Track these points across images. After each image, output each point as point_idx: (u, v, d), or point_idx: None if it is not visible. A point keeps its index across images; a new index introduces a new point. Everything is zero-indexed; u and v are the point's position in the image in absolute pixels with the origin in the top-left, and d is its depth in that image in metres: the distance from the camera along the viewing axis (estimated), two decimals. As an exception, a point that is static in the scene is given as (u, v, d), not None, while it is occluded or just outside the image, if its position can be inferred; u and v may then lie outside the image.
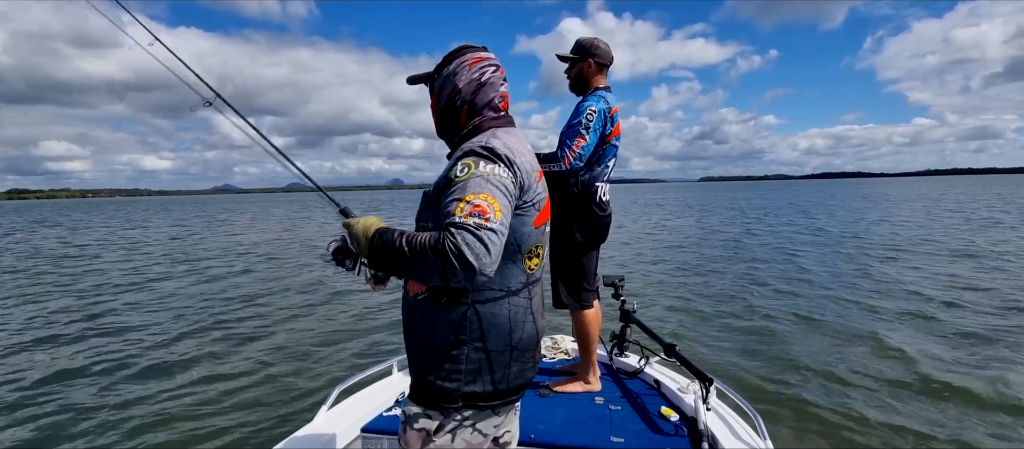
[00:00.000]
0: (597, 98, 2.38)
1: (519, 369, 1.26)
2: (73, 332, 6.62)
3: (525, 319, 1.24)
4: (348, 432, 2.16)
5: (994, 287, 7.85)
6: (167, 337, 6.24)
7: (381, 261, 1.12)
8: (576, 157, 2.31)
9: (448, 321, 1.18)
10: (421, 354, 1.23)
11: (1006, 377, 4.42)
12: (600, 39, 2.48)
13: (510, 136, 1.24)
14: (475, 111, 1.28)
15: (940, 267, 9.73)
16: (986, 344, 5.35)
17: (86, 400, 4.44)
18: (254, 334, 6.31)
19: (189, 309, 7.75)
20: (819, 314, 6.68)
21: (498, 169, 1.12)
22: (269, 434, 3.74)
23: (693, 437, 2.04)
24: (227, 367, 5.12)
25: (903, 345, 5.31)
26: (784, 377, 4.62)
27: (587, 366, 2.59)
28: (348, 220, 1.23)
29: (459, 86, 1.27)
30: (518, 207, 1.17)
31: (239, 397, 4.41)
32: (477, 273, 0.98)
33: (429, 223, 1.19)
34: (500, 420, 1.29)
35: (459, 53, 1.30)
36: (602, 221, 2.49)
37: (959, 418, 3.84)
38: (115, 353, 5.66)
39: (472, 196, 1.05)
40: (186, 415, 4.09)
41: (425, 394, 1.22)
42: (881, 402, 4.09)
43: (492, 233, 1.01)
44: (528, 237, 1.21)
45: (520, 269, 1.22)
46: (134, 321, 7.08)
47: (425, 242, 1.03)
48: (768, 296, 7.86)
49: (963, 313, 6.54)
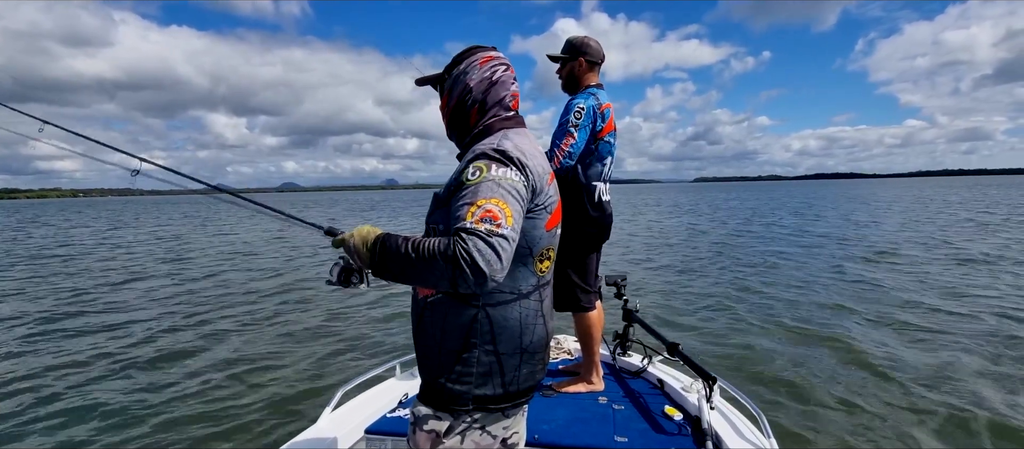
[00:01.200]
0: (586, 95, 2.36)
1: (529, 371, 1.26)
2: (73, 328, 6.59)
3: (535, 322, 1.24)
4: (352, 434, 2.16)
5: (1002, 292, 7.72)
6: (166, 339, 6.20)
7: (386, 269, 1.11)
8: (565, 155, 2.29)
9: (459, 324, 1.18)
10: (431, 356, 1.23)
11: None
12: (591, 37, 2.48)
13: (521, 138, 1.23)
14: (486, 110, 1.28)
15: (943, 269, 9.71)
16: (998, 347, 5.26)
17: (86, 401, 4.41)
18: (256, 336, 6.28)
19: (188, 310, 7.71)
20: (822, 314, 6.69)
21: (510, 173, 1.12)
22: (273, 436, 3.73)
23: (697, 436, 2.05)
24: (230, 369, 5.10)
25: (905, 344, 5.33)
26: (788, 376, 4.62)
27: (590, 366, 2.59)
28: (341, 237, 1.21)
29: (470, 85, 1.27)
30: (530, 210, 1.17)
31: (242, 399, 4.39)
32: (488, 280, 0.98)
33: (439, 225, 1.19)
34: (509, 422, 1.29)
35: (469, 53, 1.30)
36: (602, 221, 2.45)
37: (965, 417, 3.81)
38: (114, 355, 5.62)
39: (483, 201, 1.04)
40: (189, 417, 4.07)
41: (435, 396, 1.22)
42: (885, 400, 4.09)
43: (503, 239, 1.01)
44: (539, 240, 1.21)
45: (531, 272, 1.22)
46: (132, 323, 7.03)
47: (434, 248, 1.01)
48: (772, 296, 7.86)
49: (970, 316, 6.45)
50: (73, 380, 4.89)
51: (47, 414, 4.17)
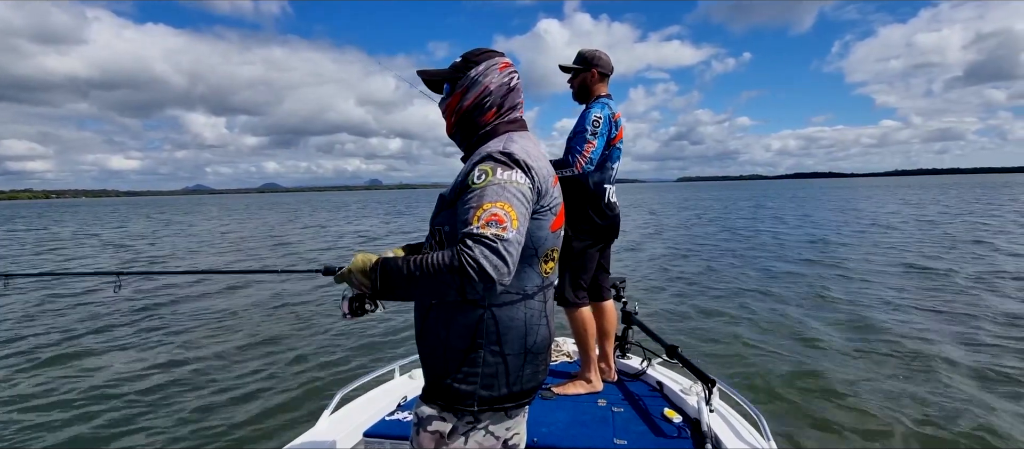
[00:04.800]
0: (601, 105, 2.51)
1: (532, 371, 1.26)
2: (72, 328, 6.47)
3: (540, 322, 1.25)
4: (350, 436, 2.14)
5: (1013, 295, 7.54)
6: (165, 340, 6.09)
7: (390, 291, 1.13)
8: (587, 161, 2.44)
9: (465, 324, 1.19)
10: (437, 357, 1.23)
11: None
12: (601, 50, 2.60)
13: (526, 141, 1.25)
14: (500, 114, 1.29)
15: (945, 268, 9.66)
16: (1003, 353, 5.14)
17: (85, 400, 4.36)
18: (255, 339, 6.18)
19: (186, 311, 7.58)
20: (821, 315, 6.68)
21: (515, 176, 1.13)
22: (272, 439, 3.68)
23: (696, 438, 2.06)
24: (229, 372, 5.02)
25: (905, 345, 5.31)
26: (788, 378, 4.59)
27: (586, 364, 2.58)
28: (340, 272, 1.25)
29: (491, 88, 1.28)
30: (535, 212, 1.18)
31: (241, 402, 4.33)
32: (495, 284, 1.00)
33: (445, 226, 1.19)
34: (511, 423, 1.29)
35: (487, 55, 1.30)
36: (611, 222, 2.60)
37: (965, 417, 3.77)
38: (110, 356, 5.52)
39: (489, 204, 1.06)
40: (188, 421, 4.00)
41: (441, 396, 1.22)
42: (885, 401, 4.07)
43: (509, 243, 1.03)
44: (544, 241, 1.22)
45: (536, 272, 1.23)
46: (130, 323, 6.90)
47: (439, 262, 1.03)
48: (771, 297, 7.81)
49: (978, 318, 6.29)
50: (60, 379, 4.81)
51: (54, 414, 4.13)
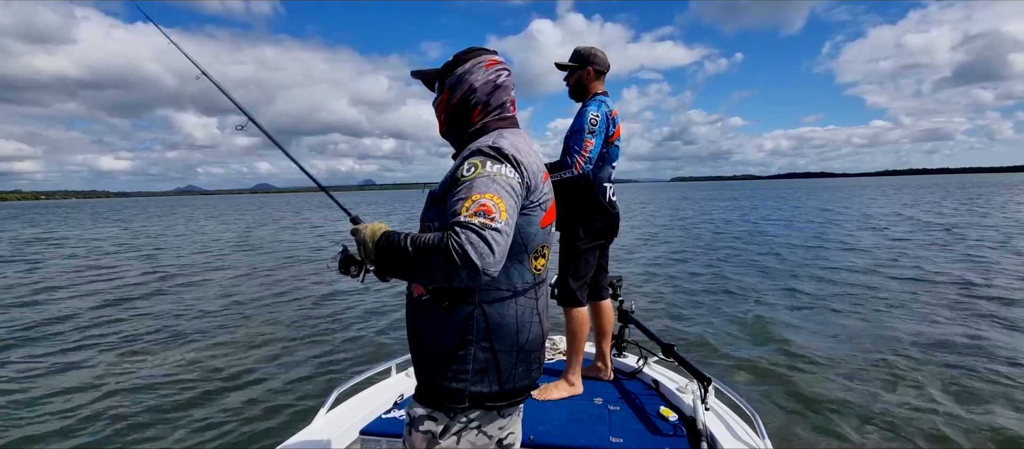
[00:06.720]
0: (598, 103, 2.47)
1: (524, 370, 1.26)
2: (72, 327, 6.47)
3: (532, 320, 1.25)
4: (347, 435, 2.14)
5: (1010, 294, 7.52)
6: (162, 340, 6.06)
7: (387, 264, 1.12)
8: (586, 160, 2.41)
9: (454, 321, 1.18)
10: (427, 355, 1.22)
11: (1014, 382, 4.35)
12: (597, 48, 2.57)
13: (516, 137, 1.25)
14: (487, 111, 1.29)
15: (945, 267, 9.71)
16: (993, 345, 5.21)
17: (83, 401, 4.34)
18: (252, 337, 6.16)
19: (185, 311, 7.54)
20: (818, 315, 6.71)
21: (505, 169, 1.13)
22: (268, 438, 3.66)
23: (692, 437, 2.06)
24: (225, 371, 5.00)
25: (902, 344, 5.33)
26: (783, 376, 4.61)
27: (570, 365, 2.54)
28: (357, 227, 1.23)
29: (475, 86, 1.28)
30: (525, 207, 1.18)
31: (237, 400, 4.32)
32: (480, 273, 0.99)
33: (434, 222, 1.19)
34: (505, 422, 1.29)
35: (475, 53, 1.31)
36: (611, 221, 2.58)
37: (961, 416, 3.79)
38: (107, 356, 5.49)
39: (478, 195, 1.06)
40: (184, 419, 3.99)
41: (431, 395, 1.22)
42: (880, 400, 4.09)
43: (497, 233, 1.02)
44: (534, 237, 1.22)
45: (527, 269, 1.23)
46: (129, 323, 6.87)
47: (429, 241, 1.03)
48: (768, 297, 7.83)
49: (976, 318, 6.33)
50: (58, 378, 4.80)
51: (49, 417, 4.09)
